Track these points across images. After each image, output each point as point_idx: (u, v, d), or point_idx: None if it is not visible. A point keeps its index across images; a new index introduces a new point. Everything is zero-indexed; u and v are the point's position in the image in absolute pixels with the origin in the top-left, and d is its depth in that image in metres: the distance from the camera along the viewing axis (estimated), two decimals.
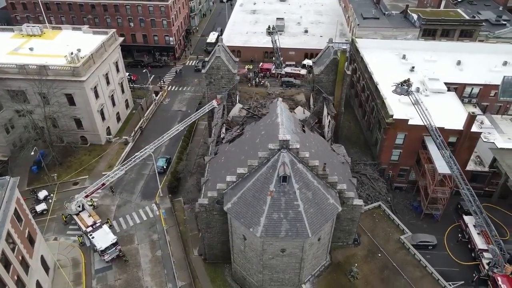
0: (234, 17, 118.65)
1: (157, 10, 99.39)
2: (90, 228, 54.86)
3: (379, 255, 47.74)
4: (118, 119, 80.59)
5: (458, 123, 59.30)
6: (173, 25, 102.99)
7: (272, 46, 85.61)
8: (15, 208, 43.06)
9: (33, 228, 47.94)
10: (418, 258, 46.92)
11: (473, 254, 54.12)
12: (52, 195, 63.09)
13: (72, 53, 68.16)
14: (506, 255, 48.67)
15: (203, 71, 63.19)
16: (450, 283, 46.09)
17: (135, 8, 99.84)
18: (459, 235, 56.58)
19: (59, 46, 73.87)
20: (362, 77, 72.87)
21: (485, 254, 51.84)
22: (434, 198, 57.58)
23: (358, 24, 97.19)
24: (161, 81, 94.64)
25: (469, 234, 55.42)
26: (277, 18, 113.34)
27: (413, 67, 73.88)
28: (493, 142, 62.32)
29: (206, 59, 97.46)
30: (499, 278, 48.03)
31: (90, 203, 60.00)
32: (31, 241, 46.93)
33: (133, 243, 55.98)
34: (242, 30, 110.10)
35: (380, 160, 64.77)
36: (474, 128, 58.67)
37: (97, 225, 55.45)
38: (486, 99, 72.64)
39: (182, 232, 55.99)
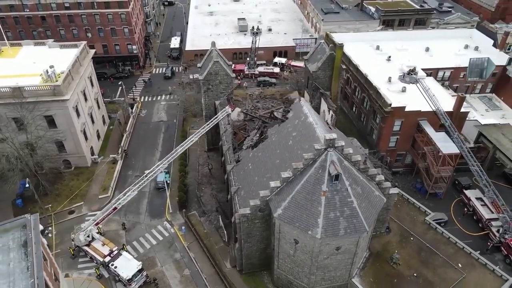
0: (193, 20, 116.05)
1: (117, 18, 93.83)
2: (108, 258, 50.69)
3: (411, 238, 49.87)
4: (98, 137, 75.10)
5: (445, 106, 63.44)
6: (135, 33, 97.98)
7: (250, 47, 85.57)
8: None
9: (55, 267, 43.13)
10: (447, 235, 49.73)
11: (480, 225, 58.41)
12: (50, 228, 57.26)
13: (47, 71, 62.03)
14: None
15: (200, 77, 60.99)
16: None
17: (92, 17, 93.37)
18: (465, 209, 60.73)
19: (25, 64, 66.98)
20: (347, 71, 75.20)
21: (493, 223, 56.21)
22: (437, 178, 61.28)
23: (323, 19, 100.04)
24: (132, 92, 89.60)
25: (473, 206, 59.71)
26: (238, 19, 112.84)
27: (389, 57, 77.72)
28: (476, 120, 67.75)
29: (191, 67, 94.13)
30: None
31: (97, 231, 55.37)
32: (56, 281, 42.28)
33: (156, 266, 52.70)
34: (205, 33, 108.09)
35: (379, 148, 67.39)
36: (462, 109, 63.29)
37: (115, 253, 51.40)
38: (457, 81, 78.71)
39: (208, 246, 53.76)
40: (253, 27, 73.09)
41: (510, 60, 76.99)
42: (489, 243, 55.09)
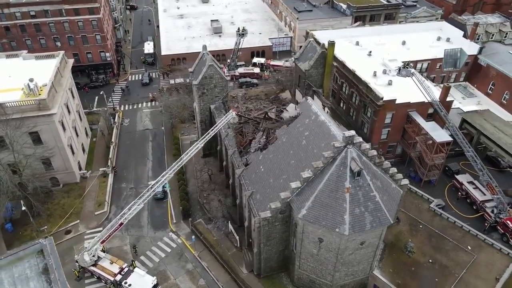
0: (164, 24, 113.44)
1: (88, 25, 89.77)
2: (119, 276, 48.48)
3: (420, 226, 51.57)
4: (83, 150, 71.58)
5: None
6: (108, 39, 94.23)
7: (233, 48, 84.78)
8: None
9: None
10: (453, 220, 51.86)
11: (474, 207, 61.33)
12: None
13: (29, 85, 58.28)
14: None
15: (195, 82, 59.61)
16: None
17: (61, 25, 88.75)
18: (458, 193, 63.54)
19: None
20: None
21: (487, 204, 59.22)
22: (431, 165, 63.74)
23: (298, 18, 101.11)
24: (112, 102, 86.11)
25: (466, 190, 62.62)
26: (211, 20, 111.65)
27: (370, 52, 79.81)
28: (459, 108, 71.17)
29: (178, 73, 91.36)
30: (508, 222, 55.49)
31: (101, 248, 52.75)
32: None
33: (169, 279, 51.06)
34: (179, 36, 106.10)
35: (371, 141, 68.89)
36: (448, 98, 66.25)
37: (126, 270, 49.26)
38: (434, 71, 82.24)
39: (220, 254, 52.73)
40: (238, 28, 72.60)
41: (481, 50, 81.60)
42: (486, 224, 58.01)
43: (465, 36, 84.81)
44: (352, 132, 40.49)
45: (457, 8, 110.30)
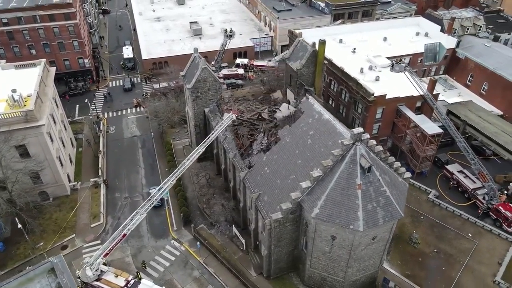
0: (141, 27, 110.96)
1: (65, 31, 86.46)
2: None
3: (422, 217, 52.86)
4: (71, 161, 68.92)
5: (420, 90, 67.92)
6: (86, 45, 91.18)
7: (218, 50, 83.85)
8: None
9: None
10: (451, 209, 53.45)
11: (466, 195, 63.44)
12: None
13: (13, 96, 55.55)
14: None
15: (188, 86, 58.55)
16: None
17: (36, 32, 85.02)
18: (450, 183, 65.57)
19: None
20: None
21: (478, 192, 61.41)
22: (423, 157, 65.47)
23: (278, 17, 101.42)
24: (95, 109, 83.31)
25: (457, 180, 64.73)
26: (191, 22, 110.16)
27: (354, 49, 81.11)
28: (444, 100, 73.48)
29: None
30: (500, 207, 57.74)
31: (104, 262, 50.85)
32: None
33: None
34: (158, 39, 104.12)
35: None
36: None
37: (132, 282, 47.67)
38: (415, 65, 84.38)
39: (227, 258, 52.06)
40: (226, 30, 71.98)
41: (458, 43, 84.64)
42: (479, 211, 60.19)
43: (442, 30, 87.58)
44: (360, 129, 40.93)
45: (430, 4, 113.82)
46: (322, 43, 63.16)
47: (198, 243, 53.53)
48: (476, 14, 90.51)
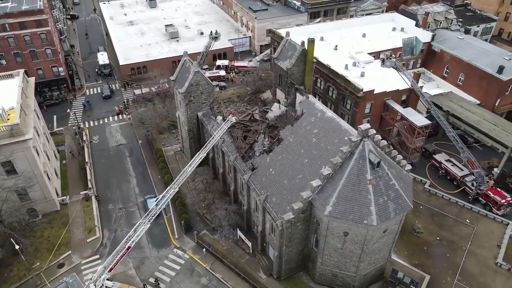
0: (114, 32, 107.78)
1: (37, 39, 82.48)
2: None
3: (421, 207, 54.32)
4: (56, 175, 65.88)
5: (402, 84, 69.84)
6: (60, 53, 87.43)
7: (202, 52, 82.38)
8: None
9: None
10: (448, 197, 55.27)
11: (455, 183, 65.79)
12: None
13: None
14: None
15: (181, 90, 57.28)
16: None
17: (5, 41, 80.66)
18: (439, 172, 67.79)
19: None
20: None
21: (467, 179, 63.86)
22: (413, 149, 67.39)
23: (256, 18, 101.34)
24: (76, 119, 79.93)
25: (445, 168, 67.06)
26: (166, 25, 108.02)
27: (336, 46, 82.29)
28: (426, 92, 75.75)
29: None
30: (489, 192, 60.28)
31: (108, 277, 48.94)
32: None
33: None
34: (133, 44, 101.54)
35: None
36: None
37: None
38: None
39: (234, 262, 51.41)
40: (211, 32, 70.85)
41: (433, 37, 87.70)
42: (469, 197, 62.60)
43: (417, 25, 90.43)
44: (367, 125, 41.49)
45: (400, 0, 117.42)
46: (311, 41, 63.40)
47: (204, 249, 52.57)
48: (447, 8, 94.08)
